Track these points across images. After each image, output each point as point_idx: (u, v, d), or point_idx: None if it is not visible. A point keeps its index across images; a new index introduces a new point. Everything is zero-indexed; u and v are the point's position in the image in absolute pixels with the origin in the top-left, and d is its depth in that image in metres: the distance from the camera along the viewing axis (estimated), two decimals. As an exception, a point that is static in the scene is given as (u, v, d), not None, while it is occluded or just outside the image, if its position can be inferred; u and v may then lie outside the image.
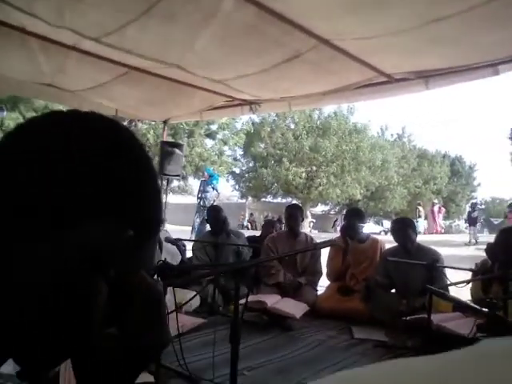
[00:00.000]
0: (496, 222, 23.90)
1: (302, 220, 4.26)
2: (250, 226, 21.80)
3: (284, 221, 4.79)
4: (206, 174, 10.57)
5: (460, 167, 30.37)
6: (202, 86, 4.38)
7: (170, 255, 3.09)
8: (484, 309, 2.38)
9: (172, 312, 1.57)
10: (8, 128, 16.25)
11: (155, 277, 1.66)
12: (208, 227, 4.20)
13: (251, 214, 24.60)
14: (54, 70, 3.96)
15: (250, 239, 4.50)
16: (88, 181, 0.45)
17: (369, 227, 26.03)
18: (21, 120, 16.49)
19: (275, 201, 27.57)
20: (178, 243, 2.96)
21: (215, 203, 9.72)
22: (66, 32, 3.00)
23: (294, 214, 4.14)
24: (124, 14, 2.62)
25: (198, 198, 10.71)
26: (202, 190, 10.43)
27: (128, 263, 0.50)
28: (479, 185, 31.43)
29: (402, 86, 4.01)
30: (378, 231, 23.37)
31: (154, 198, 0.52)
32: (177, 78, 4.19)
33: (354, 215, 4.26)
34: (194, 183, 25.68)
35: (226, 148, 22.83)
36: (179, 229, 11.67)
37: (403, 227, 3.69)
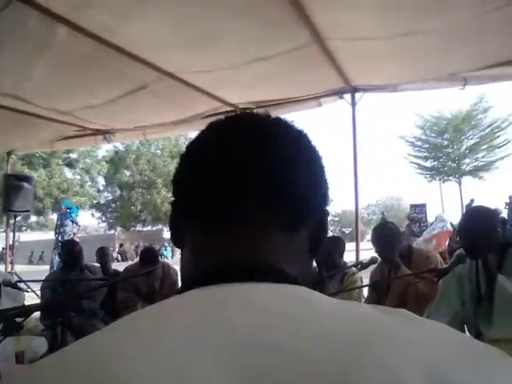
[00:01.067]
0: (347, 232, 26.81)
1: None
2: (119, 258, 20.84)
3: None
4: (63, 207, 9.79)
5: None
6: (48, 116, 4.16)
7: (10, 299, 2.83)
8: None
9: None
10: None
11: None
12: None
13: (121, 245, 23.53)
14: None
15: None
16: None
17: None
18: None
19: (145, 229, 26.81)
20: (17, 286, 2.72)
21: (76, 237, 9.08)
22: None
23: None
24: None
25: (55, 233, 9.88)
26: (60, 225, 9.66)
27: None
28: (332, 200, 35.15)
29: (246, 114, 4.37)
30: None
31: None
32: (18, 108, 3.91)
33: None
34: (55, 217, 23.56)
35: (87, 178, 21.57)
36: (36, 269, 10.58)
37: None
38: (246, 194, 0.48)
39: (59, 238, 9.39)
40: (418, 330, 0.38)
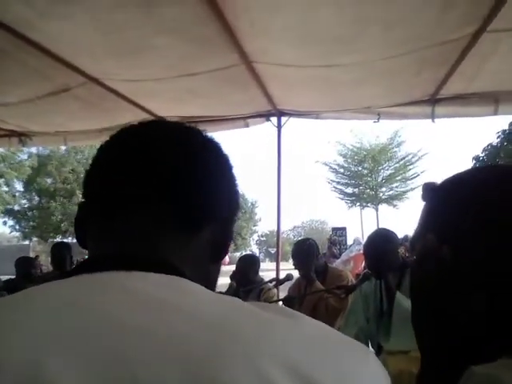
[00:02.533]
0: (273, 252, 27.27)
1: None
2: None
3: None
4: None
5: (244, 204, 33.87)
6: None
7: None
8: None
9: None
10: None
11: None
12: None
13: (36, 257, 21.73)
14: None
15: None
16: None
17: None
18: None
19: (65, 241, 25.13)
20: None
21: None
22: None
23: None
24: None
25: None
26: None
27: None
28: (260, 220, 35.51)
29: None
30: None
31: None
32: None
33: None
34: (-44, 224, 21.37)
35: (1, 181, 19.91)
36: None
37: None
38: (144, 190, 0.49)
39: None
40: (289, 324, 0.39)
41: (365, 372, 0.37)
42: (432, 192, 0.60)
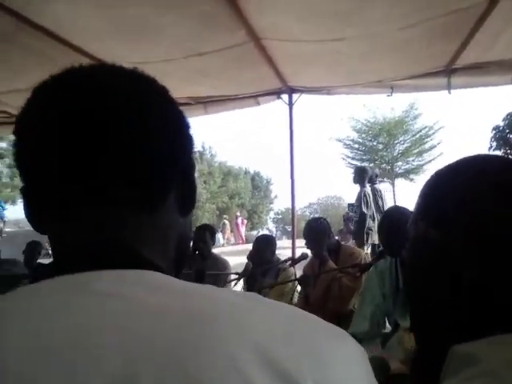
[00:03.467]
0: (290, 229, 27.40)
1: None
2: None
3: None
4: None
5: (259, 182, 33.77)
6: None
7: None
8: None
9: None
10: None
11: None
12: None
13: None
14: None
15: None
16: None
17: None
18: None
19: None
20: None
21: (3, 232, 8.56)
22: None
23: None
24: None
25: None
26: None
27: None
28: (276, 197, 35.48)
29: (185, 109, 4.32)
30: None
31: None
32: None
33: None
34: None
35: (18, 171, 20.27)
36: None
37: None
38: (93, 167, 0.43)
39: None
40: (261, 310, 0.38)
41: (339, 354, 0.37)
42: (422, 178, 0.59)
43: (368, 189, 5.74)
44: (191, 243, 3.42)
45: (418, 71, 3.42)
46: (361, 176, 5.80)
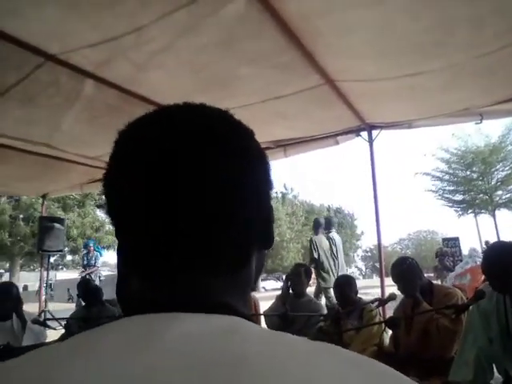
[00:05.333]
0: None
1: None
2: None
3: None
4: (90, 245, 9.60)
5: (342, 218, 32.87)
6: (77, 160, 4.41)
7: (34, 335, 2.95)
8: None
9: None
10: None
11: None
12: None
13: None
14: None
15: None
16: None
17: (270, 284, 26.59)
18: None
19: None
20: (46, 324, 2.83)
21: (98, 275, 9.20)
22: None
23: None
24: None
25: (81, 271, 10.11)
26: (87, 264, 9.91)
27: None
28: (362, 233, 34.21)
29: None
30: (278, 287, 23.92)
31: None
32: (50, 154, 4.18)
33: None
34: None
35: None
36: (66, 307, 10.74)
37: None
38: (192, 247, 0.43)
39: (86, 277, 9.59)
40: (336, 365, 0.36)
41: None
42: None
43: (319, 236, 6.26)
44: (288, 283, 3.46)
45: (508, 95, 3.21)
46: (315, 225, 6.48)
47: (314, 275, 4.72)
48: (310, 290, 4.09)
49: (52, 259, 7.15)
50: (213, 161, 0.43)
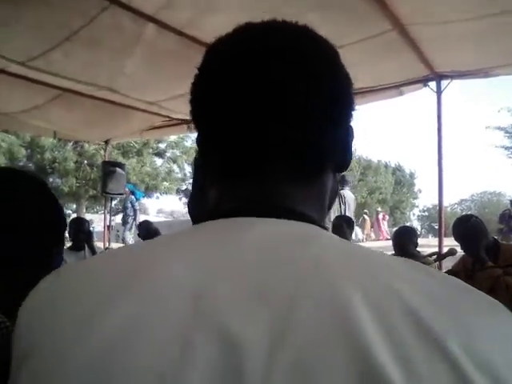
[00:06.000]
0: (436, 227, 25.21)
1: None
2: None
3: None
4: (127, 190, 9.41)
5: (401, 176, 31.76)
6: (138, 107, 4.52)
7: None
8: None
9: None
10: None
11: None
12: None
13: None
14: (-16, 94, 3.97)
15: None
16: None
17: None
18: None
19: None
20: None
21: (137, 221, 9.51)
22: (-7, 57, 3.07)
23: None
24: (46, 41, 2.76)
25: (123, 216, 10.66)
26: (123, 206, 10.40)
27: None
28: (420, 192, 32.96)
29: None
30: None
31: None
32: (112, 100, 4.31)
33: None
34: (147, 202, 25.29)
35: (175, 166, 22.81)
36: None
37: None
38: (279, 147, 0.43)
39: (127, 220, 10.11)
40: (413, 273, 0.37)
41: (492, 327, 0.34)
42: None
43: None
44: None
45: None
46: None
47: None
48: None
49: (112, 203, 7.54)
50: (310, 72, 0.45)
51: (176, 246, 0.41)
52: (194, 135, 0.50)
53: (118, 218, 12.45)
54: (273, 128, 0.43)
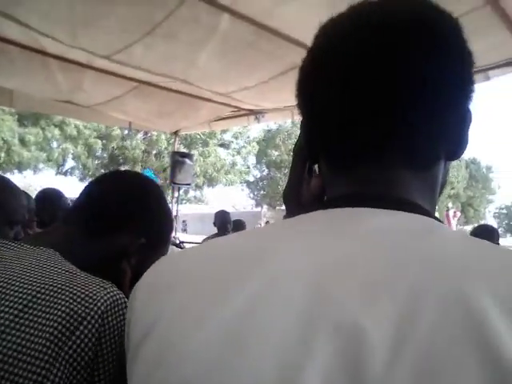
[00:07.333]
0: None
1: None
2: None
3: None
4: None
5: (475, 170, 29.84)
6: (208, 97, 4.63)
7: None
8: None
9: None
10: (29, 142, 16.90)
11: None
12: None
13: (267, 222, 24.75)
14: (71, 87, 4.26)
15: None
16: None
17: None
18: (41, 135, 17.13)
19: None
20: (181, 246, 3.22)
21: None
22: (80, 51, 3.28)
23: None
24: (129, 35, 2.89)
25: None
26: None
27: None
28: (499, 187, 30.75)
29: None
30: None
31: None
32: (184, 91, 4.44)
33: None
34: (209, 192, 25.98)
35: (239, 158, 23.16)
36: (189, 237, 11.87)
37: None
38: (375, 121, 0.43)
39: None
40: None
41: None
42: None
43: None
44: None
45: None
46: None
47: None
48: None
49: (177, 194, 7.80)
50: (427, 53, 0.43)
51: (294, 235, 0.42)
52: (259, 126, 0.51)
53: (182, 209, 12.81)
54: (384, 115, 0.43)
